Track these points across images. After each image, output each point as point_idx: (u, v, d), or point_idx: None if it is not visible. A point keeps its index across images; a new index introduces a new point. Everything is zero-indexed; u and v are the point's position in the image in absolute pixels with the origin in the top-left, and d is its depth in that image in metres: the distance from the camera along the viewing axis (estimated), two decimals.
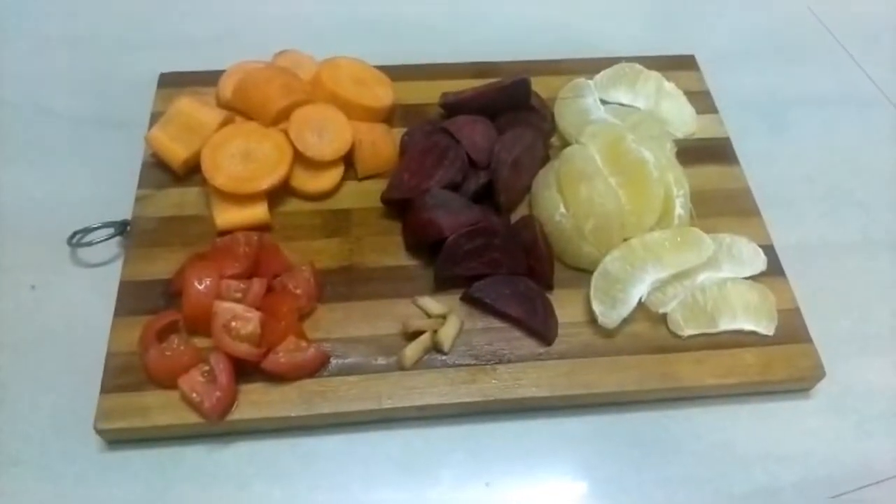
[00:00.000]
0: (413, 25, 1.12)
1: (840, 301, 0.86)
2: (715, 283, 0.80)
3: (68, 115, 0.97)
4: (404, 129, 0.92)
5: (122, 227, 0.84)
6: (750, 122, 1.03)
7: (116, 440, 0.72)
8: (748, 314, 0.79)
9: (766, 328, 0.79)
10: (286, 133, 0.85)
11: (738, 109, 1.01)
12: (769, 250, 0.85)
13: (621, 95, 0.97)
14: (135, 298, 0.78)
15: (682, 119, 0.96)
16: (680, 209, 0.82)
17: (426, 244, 0.81)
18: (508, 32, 1.12)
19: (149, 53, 1.03)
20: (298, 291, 0.77)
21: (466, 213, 0.81)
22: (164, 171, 0.87)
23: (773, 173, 0.96)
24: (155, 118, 0.90)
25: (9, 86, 1.00)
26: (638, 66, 0.98)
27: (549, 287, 0.81)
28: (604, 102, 0.95)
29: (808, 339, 0.79)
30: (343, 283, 0.81)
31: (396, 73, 0.96)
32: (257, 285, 0.76)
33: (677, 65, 1.03)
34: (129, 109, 0.95)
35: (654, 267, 0.78)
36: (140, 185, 0.87)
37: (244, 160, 0.84)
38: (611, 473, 0.74)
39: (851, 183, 0.98)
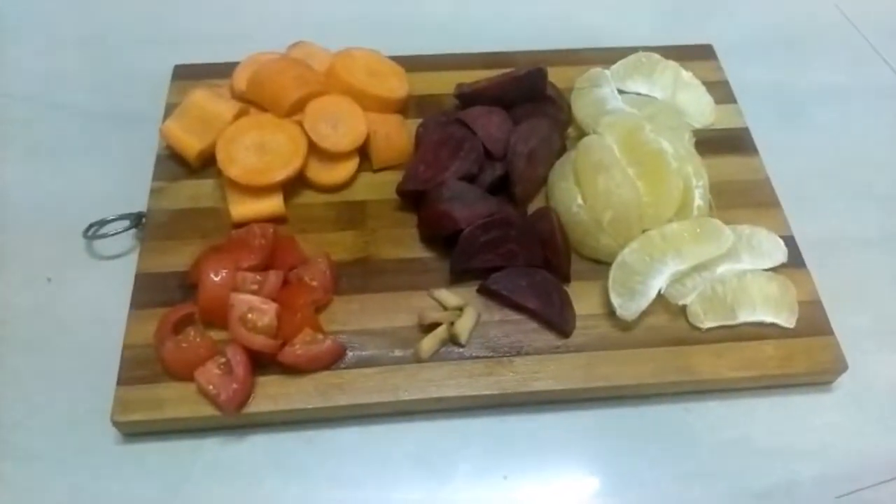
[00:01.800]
0: (427, 16, 1.11)
1: (860, 294, 0.85)
2: (735, 274, 0.79)
3: (82, 110, 0.97)
4: (419, 121, 0.91)
5: (137, 220, 0.84)
6: (768, 113, 1.01)
7: (133, 433, 0.72)
8: (768, 306, 0.78)
9: (787, 320, 0.79)
10: (301, 125, 0.85)
11: (756, 100, 1.00)
12: (790, 241, 0.84)
13: (638, 85, 0.95)
14: (150, 291, 0.78)
15: (701, 109, 0.95)
16: (699, 200, 0.81)
17: (442, 236, 0.81)
18: (523, 22, 1.11)
19: (162, 47, 1.02)
20: (314, 283, 0.77)
21: (482, 204, 0.81)
22: (178, 164, 0.87)
23: (792, 165, 0.95)
24: (169, 110, 0.90)
25: (23, 81, 1.00)
26: (655, 56, 0.97)
27: (567, 279, 0.81)
28: (621, 92, 0.94)
29: (830, 332, 0.78)
30: (358, 276, 0.80)
31: (411, 63, 0.95)
32: (274, 277, 0.75)
33: (695, 54, 1.02)
34: (143, 102, 0.95)
35: (674, 258, 0.77)
36: (155, 178, 0.86)
37: (259, 152, 0.83)
38: (628, 467, 0.73)
39: (871, 175, 0.97)
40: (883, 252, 0.90)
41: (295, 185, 0.86)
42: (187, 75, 0.95)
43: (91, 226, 0.83)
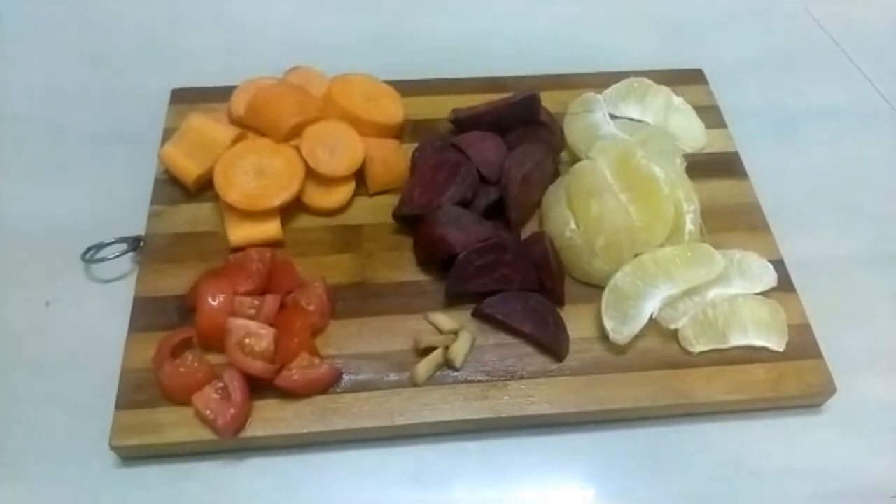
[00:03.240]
0: (422, 41, 1.13)
1: (850, 316, 0.86)
2: (725, 298, 0.80)
3: (81, 131, 0.98)
4: (415, 145, 0.92)
5: (135, 243, 0.84)
6: (759, 136, 1.02)
7: (131, 456, 0.72)
8: (759, 330, 0.79)
9: (777, 344, 0.79)
10: (298, 149, 0.86)
11: (746, 123, 1.01)
12: (779, 265, 0.85)
13: (630, 110, 0.97)
14: (149, 314, 0.78)
15: (692, 133, 0.97)
16: (690, 225, 0.82)
17: (437, 260, 0.82)
18: (517, 47, 1.13)
19: (160, 70, 1.03)
20: (311, 308, 0.77)
21: (477, 229, 0.82)
22: (177, 188, 0.88)
23: (783, 187, 0.96)
24: (167, 134, 0.91)
25: (22, 102, 1.01)
26: (647, 81, 0.98)
27: (561, 303, 0.81)
28: (613, 117, 0.95)
29: (819, 355, 0.79)
30: (355, 299, 0.81)
31: (406, 88, 0.96)
32: (271, 302, 0.76)
33: (686, 79, 1.03)
34: (141, 125, 0.95)
35: (665, 283, 0.78)
36: (153, 201, 0.87)
37: (257, 176, 0.84)
38: (622, 489, 0.74)
39: (861, 196, 0.98)
40: (873, 273, 0.91)
41: (292, 210, 0.86)
42: (185, 99, 0.96)
43: (89, 249, 0.83)
